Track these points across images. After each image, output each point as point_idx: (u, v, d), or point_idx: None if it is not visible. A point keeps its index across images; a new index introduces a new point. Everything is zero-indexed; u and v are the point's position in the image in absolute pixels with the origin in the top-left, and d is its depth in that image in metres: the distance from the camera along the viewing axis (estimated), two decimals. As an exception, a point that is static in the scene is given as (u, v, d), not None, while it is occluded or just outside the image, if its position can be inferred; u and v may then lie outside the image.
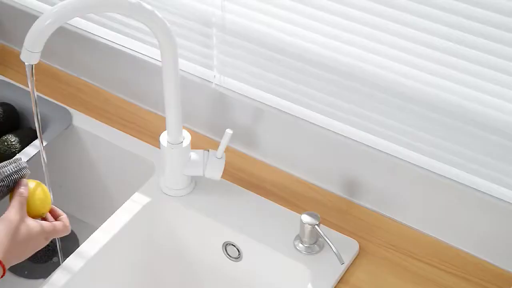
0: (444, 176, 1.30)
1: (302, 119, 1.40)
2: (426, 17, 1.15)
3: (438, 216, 1.33)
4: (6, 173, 1.21)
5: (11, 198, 1.23)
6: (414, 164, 1.32)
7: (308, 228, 1.29)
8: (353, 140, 1.37)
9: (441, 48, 1.17)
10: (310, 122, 1.39)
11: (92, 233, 1.39)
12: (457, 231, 1.33)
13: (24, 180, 1.23)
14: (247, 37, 1.36)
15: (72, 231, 1.61)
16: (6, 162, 1.24)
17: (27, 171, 1.24)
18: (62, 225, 1.25)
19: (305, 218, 1.30)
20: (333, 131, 1.38)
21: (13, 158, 1.25)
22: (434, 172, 1.30)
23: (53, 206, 1.27)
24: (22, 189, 1.22)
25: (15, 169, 1.22)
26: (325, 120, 1.38)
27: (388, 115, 1.29)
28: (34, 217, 1.23)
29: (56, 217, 1.27)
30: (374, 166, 1.36)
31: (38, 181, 1.26)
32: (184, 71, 1.48)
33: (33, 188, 1.23)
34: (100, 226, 1.39)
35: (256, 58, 1.38)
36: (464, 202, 1.29)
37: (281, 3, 1.28)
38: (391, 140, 1.32)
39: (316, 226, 1.29)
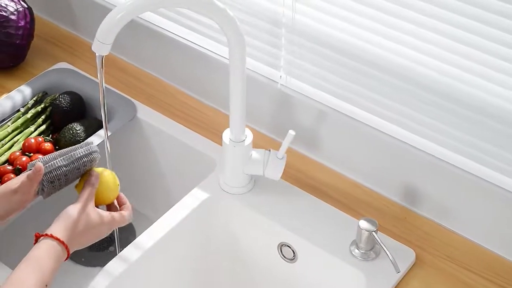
0: (509, 191, 1.28)
1: (365, 123, 1.40)
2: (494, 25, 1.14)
3: (498, 230, 1.31)
4: (76, 156, 1.24)
5: (81, 183, 1.26)
6: (476, 176, 1.30)
7: (365, 234, 1.29)
8: (415, 147, 1.35)
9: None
10: (373, 127, 1.39)
11: (148, 225, 1.40)
12: (517, 246, 1.31)
13: (96, 172, 1.26)
14: (315, 39, 1.36)
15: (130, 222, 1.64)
16: (77, 145, 1.26)
17: (97, 155, 1.26)
18: (121, 216, 1.28)
19: (363, 223, 1.29)
20: (395, 138, 1.37)
21: (85, 142, 1.27)
22: (497, 185, 1.28)
23: (121, 193, 1.30)
24: (93, 180, 1.24)
25: (86, 152, 1.25)
26: (388, 126, 1.37)
27: (454, 125, 1.28)
28: (100, 204, 1.26)
29: (120, 205, 1.30)
30: (435, 175, 1.34)
31: (109, 169, 1.28)
32: (251, 69, 1.49)
33: (104, 176, 1.25)
34: (157, 218, 1.41)
35: (323, 60, 1.38)
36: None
37: (351, 6, 1.28)
38: (454, 149, 1.31)
39: (373, 233, 1.28)
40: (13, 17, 1.61)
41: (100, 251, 1.61)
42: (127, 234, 1.62)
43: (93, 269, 1.57)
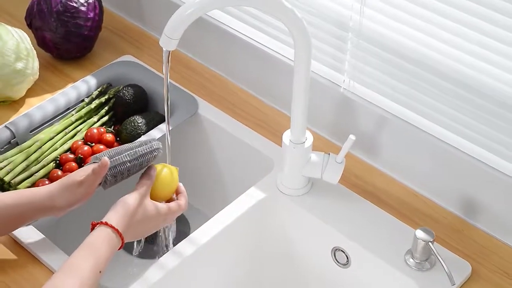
0: None
1: (426, 132, 1.38)
2: None
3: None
4: (140, 153, 1.27)
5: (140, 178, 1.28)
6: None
7: (421, 244, 1.27)
8: (477, 159, 1.33)
9: None
10: (434, 136, 1.37)
11: (203, 220, 1.41)
12: None
13: (154, 168, 1.28)
14: (381, 45, 1.35)
15: (184, 216, 1.65)
16: (141, 141, 1.29)
17: (159, 152, 1.28)
18: (177, 205, 1.29)
19: (420, 233, 1.28)
20: (457, 148, 1.35)
21: (148, 138, 1.30)
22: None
23: (179, 183, 1.31)
24: (150, 175, 1.26)
25: (150, 149, 1.28)
26: (449, 136, 1.36)
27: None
28: (160, 200, 1.27)
29: (177, 193, 1.32)
30: (496, 189, 1.32)
31: (169, 165, 1.30)
32: (314, 72, 1.48)
33: (163, 173, 1.27)
34: (211, 214, 1.42)
35: (388, 66, 1.37)
36: None
37: (420, 13, 1.27)
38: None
39: (429, 243, 1.27)
40: (83, 8, 1.64)
41: (154, 243, 1.62)
42: (182, 228, 1.63)
43: (145, 261, 1.59)
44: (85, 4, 1.64)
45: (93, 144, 1.51)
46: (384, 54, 1.36)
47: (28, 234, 1.34)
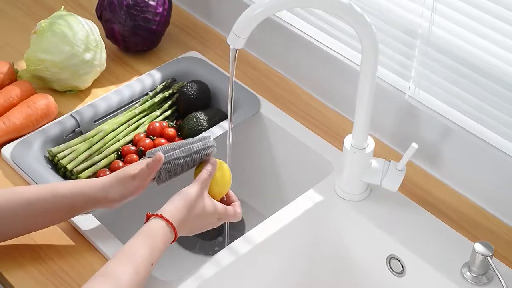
0: None
1: (491, 144, 1.36)
2: None
3: None
4: (194, 149, 1.28)
5: (199, 170, 1.29)
6: None
7: (479, 257, 1.25)
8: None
9: None
10: (500, 150, 1.34)
11: (258, 220, 1.42)
12: None
13: (214, 160, 1.28)
14: (450, 53, 1.34)
15: (239, 214, 1.66)
16: (196, 138, 1.29)
17: (213, 149, 1.29)
18: (234, 211, 1.29)
19: (479, 247, 1.25)
20: (522, 163, 1.33)
21: (202, 135, 1.30)
22: None
23: (230, 191, 1.32)
24: (210, 168, 1.27)
25: (204, 146, 1.28)
26: (515, 150, 1.34)
27: None
28: (212, 196, 1.28)
29: (229, 203, 1.32)
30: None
31: (224, 162, 1.30)
32: (380, 77, 1.47)
33: (221, 168, 1.28)
34: (267, 214, 1.42)
35: (456, 75, 1.35)
36: None
37: (493, 23, 1.25)
38: None
39: (488, 258, 1.24)
40: (152, 3, 1.65)
41: (208, 240, 1.63)
42: (237, 226, 1.64)
43: (198, 257, 1.60)
44: (155, -1, 1.66)
45: (155, 137, 1.53)
46: (453, 63, 1.34)
47: (86, 221, 1.36)
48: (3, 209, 1.23)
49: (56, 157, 1.47)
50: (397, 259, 1.36)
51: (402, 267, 1.36)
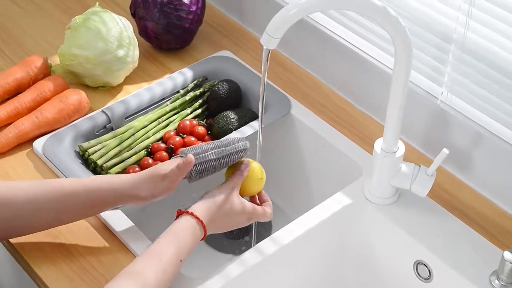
0: None
1: (523, 152, 1.35)
2: None
3: None
4: (227, 152, 1.28)
5: (229, 172, 1.29)
6: None
7: (509, 266, 1.24)
8: None
9: None
10: (532, 158, 1.34)
11: (285, 221, 1.41)
12: None
13: (247, 161, 1.28)
14: (484, 59, 1.32)
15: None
16: (229, 139, 1.29)
17: (246, 153, 1.29)
18: (263, 211, 1.29)
19: (508, 255, 1.24)
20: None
21: (236, 137, 1.30)
22: None
23: (263, 191, 1.32)
24: (243, 169, 1.27)
25: (237, 149, 1.28)
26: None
27: None
28: (245, 195, 1.28)
29: (261, 202, 1.32)
30: None
31: (257, 162, 1.31)
32: (412, 82, 1.47)
33: (252, 167, 1.28)
34: (294, 216, 1.41)
35: (490, 82, 1.34)
36: None
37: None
38: None
39: (517, 266, 1.24)
40: (186, 1, 1.66)
41: (234, 239, 1.63)
42: (264, 226, 1.64)
43: (224, 255, 1.60)
44: (189, -3, 1.67)
45: (185, 135, 1.53)
46: (486, 68, 1.33)
47: (117, 220, 1.36)
48: (40, 200, 1.24)
49: (86, 152, 1.48)
50: (425, 265, 1.35)
51: (429, 273, 1.35)
